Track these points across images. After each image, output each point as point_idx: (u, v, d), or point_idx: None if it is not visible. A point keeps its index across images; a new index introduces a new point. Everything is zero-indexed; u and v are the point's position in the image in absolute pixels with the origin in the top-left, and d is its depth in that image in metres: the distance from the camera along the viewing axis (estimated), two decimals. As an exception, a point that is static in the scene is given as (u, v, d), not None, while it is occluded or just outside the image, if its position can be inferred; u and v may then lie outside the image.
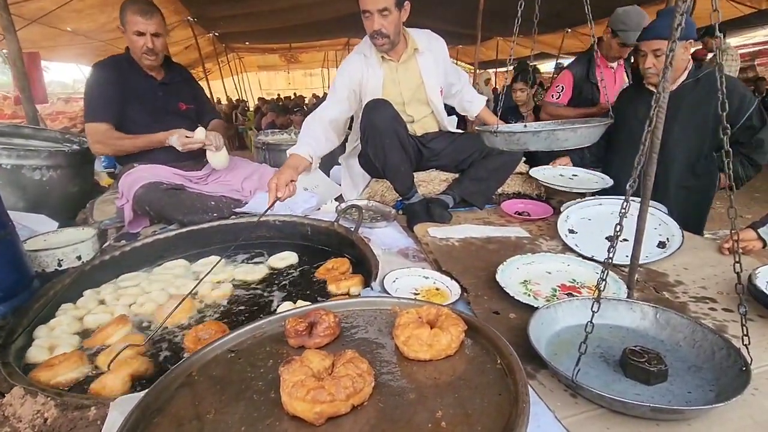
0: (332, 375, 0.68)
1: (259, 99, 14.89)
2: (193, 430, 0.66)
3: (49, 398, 0.85)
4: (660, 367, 0.85)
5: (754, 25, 6.11)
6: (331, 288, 1.35)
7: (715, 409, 0.76)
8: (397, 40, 1.88)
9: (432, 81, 1.99)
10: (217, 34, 9.80)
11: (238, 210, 1.95)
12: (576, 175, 2.13)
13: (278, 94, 16.40)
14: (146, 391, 0.73)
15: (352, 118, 2.12)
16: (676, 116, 1.91)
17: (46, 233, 1.63)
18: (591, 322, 0.80)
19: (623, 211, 0.94)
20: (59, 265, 1.49)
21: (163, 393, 0.74)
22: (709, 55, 4.72)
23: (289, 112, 7.01)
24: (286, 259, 1.61)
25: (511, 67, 1.87)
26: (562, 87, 2.56)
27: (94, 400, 0.84)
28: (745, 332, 0.81)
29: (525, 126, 1.50)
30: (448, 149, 2.06)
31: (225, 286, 1.39)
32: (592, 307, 0.81)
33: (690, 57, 1.94)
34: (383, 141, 1.82)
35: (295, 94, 16.49)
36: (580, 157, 2.23)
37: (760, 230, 1.38)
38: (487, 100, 2.36)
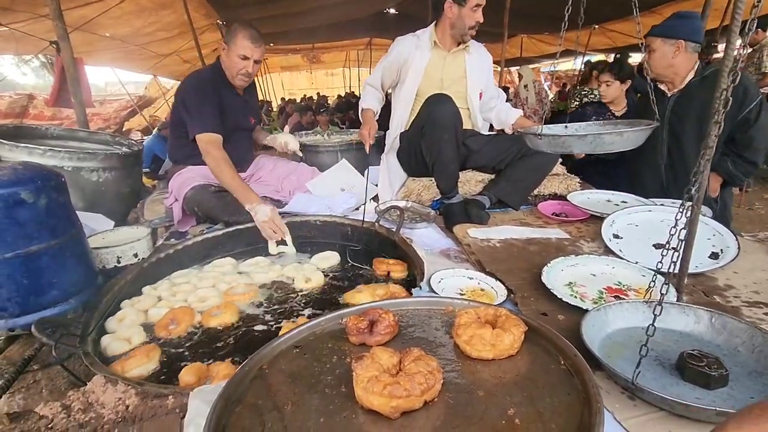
0: (405, 371, 0.71)
1: (282, 99, 15.13)
2: (274, 420, 0.70)
3: (129, 386, 0.92)
4: (721, 372, 0.85)
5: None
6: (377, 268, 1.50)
7: (782, 415, 0.76)
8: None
9: (474, 80, 2.12)
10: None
11: (279, 210, 2.02)
12: (625, 202, 1.96)
13: (304, 95, 16.59)
14: (226, 382, 0.78)
15: (388, 114, 2.22)
16: (687, 115, 2.01)
17: (104, 232, 1.72)
18: (653, 324, 0.81)
19: (680, 214, 0.95)
20: (118, 261, 1.57)
21: (240, 385, 0.79)
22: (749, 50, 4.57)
23: (315, 111, 7.10)
24: (329, 258, 1.66)
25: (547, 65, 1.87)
26: None
27: (172, 390, 0.90)
28: (812, 338, 0.80)
29: (566, 127, 1.50)
30: (485, 149, 2.08)
31: (317, 276, 1.53)
32: (654, 310, 0.82)
33: (697, 58, 2.01)
34: (441, 135, 1.86)
35: (318, 93, 16.67)
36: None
37: None
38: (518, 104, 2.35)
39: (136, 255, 1.61)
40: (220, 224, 1.87)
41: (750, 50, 4.59)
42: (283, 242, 1.74)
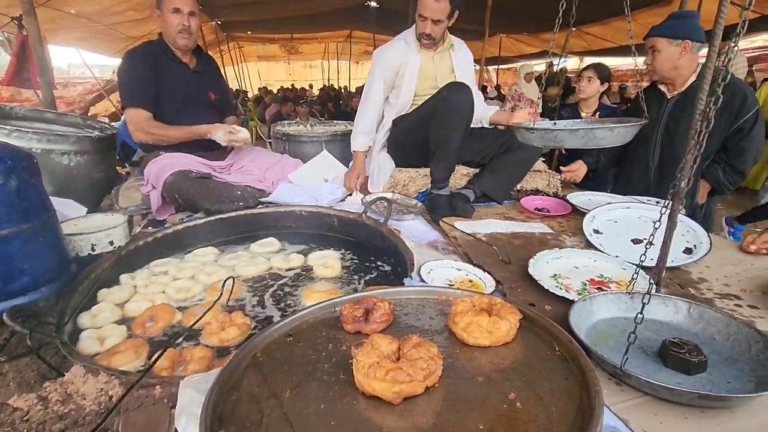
0: (406, 357, 0.71)
1: (260, 89, 14.79)
2: (273, 407, 0.69)
3: (112, 377, 0.88)
4: (700, 358, 0.90)
5: (757, 30, 6.19)
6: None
7: (758, 398, 0.81)
8: (440, 40, 2.13)
9: (462, 76, 2.16)
10: (219, 22, 9.72)
11: (263, 199, 1.97)
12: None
13: (281, 86, 16.28)
14: (220, 369, 0.76)
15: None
16: (684, 117, 1.96)
17: (76, 218, 1.64)
18: (642, 313, 0.84)
19: (663, 210, 0.99)
20: (93, 249, 1.50)
21: (234, 372, 0.77)
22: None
23: (294, 102, 6.99)
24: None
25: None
26: None
27: (159, 379, 0.87)
28: (785, 326, 0.85)
29: (554, 124, 1.53)
30: (470, 143, 2.10)
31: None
32: (643, 299, 0.85)
33: (698, 59, 1.97)
34: (453, 122, 1.86)
35: (292, 85, 16.39)
36: (595, 160, 2.27)
37: None
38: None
39: (111, 243, 1.54)
40: (201, 212, 1.81)
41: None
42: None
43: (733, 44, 0.89)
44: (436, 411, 0.67)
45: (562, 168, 2.26)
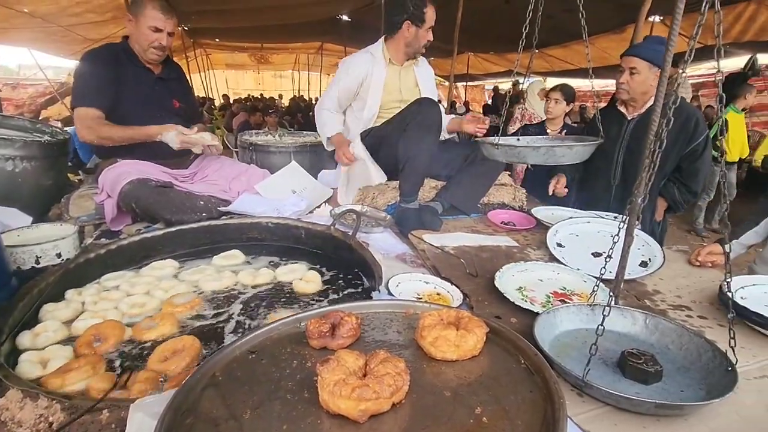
0: (372, 373, 0.70)
1: (224, 97, 14.52)
2: (232, 430, 0.65)
3: (54, 401, 0.81)
4: (656, 368, 0.93)
5: (700, 59, 6.70)
6: None
7: (708, 405, 0.84)
8: None
9: (425, 90, 2.25)
10: (186, 28, 9.49)
11: (222, 209, 1.91)
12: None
13: (249, 95, 16.03)
14: (174, 391, 0.71)
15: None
16: (644, 138, 2.04)
17: (19, 228, 1.52)
18: (602, 325, 0.86)
19: (621, 224, 1.03)
20: (37, 262, 1.39)
21: (190, 393, 0.73)
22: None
23: (262, 112, 6.88)
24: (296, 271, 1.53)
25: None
26: None
27: (106, 403, 0.80)
28: (732, 335, 0.90)
29: (518, 140, 1.59)
30: (436, 155, 2.13)
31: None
32: (604, 311, 0.88)
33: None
34: (423, 137, 1.90)
35: (261, 95, 16.19)
36: (572, 176, 2.34)
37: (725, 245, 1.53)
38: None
39: (59, 255, 1.44)
40: (161, 223, 1.73)
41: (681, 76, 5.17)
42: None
43: (681, 71, 0.95)
44: (402, 428, 0.65)
45: (551, 181, 2.27)
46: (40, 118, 8.34)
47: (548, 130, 2.95)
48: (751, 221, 1.71)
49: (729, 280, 0.93)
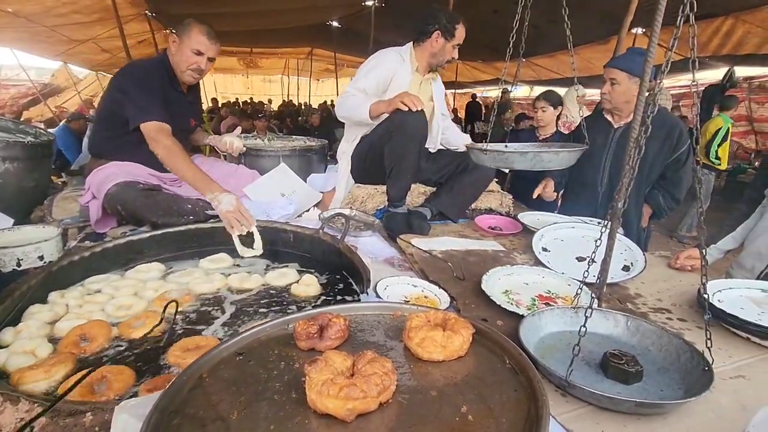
0: (360, 373, 0.70)
1: (213, 101, 14.41)
2: (219, 430, 0.65)
3: (35, 404, 0.79)
4: (637, 368, 0.95)
5: (680, 71, 6.91)
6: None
7: (686, 404, 0.87)
8: None
9: (439, 105, 2.29)
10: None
11: (209, 212, 1.89)
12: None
13: (237, 99, 15.94)
14: (160, 393, 0.71)
15: (332, 126, 2.25)
16: (626, 147, 2.11)
17: (1, 230, 1.49)
18: (585, 326, 0.88)
19: (603, 229, 1.06)
20: (18, 264, 1.37)
21: (176, 395, 0.72)
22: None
23: (252, 116, 6.86)
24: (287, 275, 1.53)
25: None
26: None
27: (90, 405, 0.79)
28: (708, 336, 0.93)
29: (506, 146, 1.62)
30: (429, 164, 2.16)
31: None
32: (586, 312, 0.90)
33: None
34: (407, 143, 1.89)
35: (251, 99, 16.13)
36: (559, 181, 2.37)
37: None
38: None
39: (41, 257, 1.41)
40: (147, 226, 1.71)
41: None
42: (248, 242, 1.62)
43: (658, 81, 0.99)
44: (389, 427, 0.66)
45: (540, 186, 2.29)
46: (21, 119, 8.17)
47: (540, 136, 2.99)
48: (728, 227, 1.77)
49: (705, 282, 0.96)
